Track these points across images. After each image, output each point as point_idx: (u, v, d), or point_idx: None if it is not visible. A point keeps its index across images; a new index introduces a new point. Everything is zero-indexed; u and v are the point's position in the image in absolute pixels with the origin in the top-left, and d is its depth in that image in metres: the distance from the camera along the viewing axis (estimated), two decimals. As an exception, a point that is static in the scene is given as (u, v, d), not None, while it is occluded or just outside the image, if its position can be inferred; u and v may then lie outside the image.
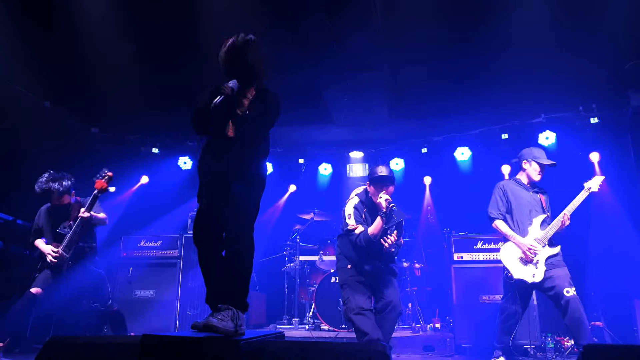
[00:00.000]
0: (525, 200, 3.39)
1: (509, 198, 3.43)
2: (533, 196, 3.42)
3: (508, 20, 4.03)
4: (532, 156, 3.45)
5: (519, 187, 3.48)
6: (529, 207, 3.38)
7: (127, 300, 4.74)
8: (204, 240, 2.15)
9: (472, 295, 4.32)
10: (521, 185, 3.48)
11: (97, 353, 1.75)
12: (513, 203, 3.41)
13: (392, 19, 4.19)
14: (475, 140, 5.74)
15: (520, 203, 3.39)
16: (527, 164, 3.46)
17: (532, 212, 3.37)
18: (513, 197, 3.42)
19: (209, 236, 2.14)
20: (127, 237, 5.08)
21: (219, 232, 2.10)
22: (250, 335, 1.85)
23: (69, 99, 5.04)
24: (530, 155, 3.46)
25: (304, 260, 5.14)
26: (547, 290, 3.20)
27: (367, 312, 3.02)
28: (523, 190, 3.46)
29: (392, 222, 3.17)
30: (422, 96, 5.17)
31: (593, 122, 5.01)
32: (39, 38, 4.17)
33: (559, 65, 4.49)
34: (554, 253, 3.26)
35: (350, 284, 3.15)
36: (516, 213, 3.39)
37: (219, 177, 2.15)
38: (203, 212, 2.17)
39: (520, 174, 3.54)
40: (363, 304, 3.03)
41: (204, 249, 2.16)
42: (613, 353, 1.65)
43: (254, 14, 3.95)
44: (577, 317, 3.03)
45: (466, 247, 4.50)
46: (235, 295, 2.02)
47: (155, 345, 1.68)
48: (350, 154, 6.48)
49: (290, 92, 4.13)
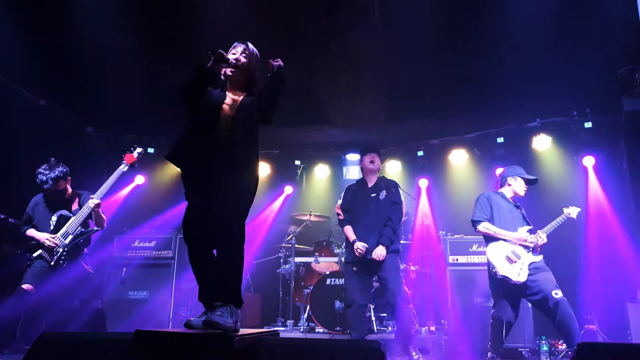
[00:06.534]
0: (507, 212, 3.52)
1: (492, 206, 3.53)
2: (514, 210, 3.55)
3: (505, 24, 4.08)
4: (517, 173, 3.60)
5: (501, 199, 3.60)
6: (511, 217, 3.49)
7: (120, 301, 4.69)
8: (194, 237, 2.13)
9: (467, 297, 4.32)
10: (504, 199, 3.61)
11: (90, 349, 1.73)
12: (495, 213, 3.51)
13: (389, 21, 4.22)
14: (471, 144, 5.78)
15: (503, 213, 3.50)
16: (513, 179, 3.61)
17: (515, 222, 3.47)
18: (496, 207, 3.53)
19: (199, 233, 2.11)
20: (120, 237, 5.04)
21: (209, 228, 2.07)
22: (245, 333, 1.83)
23: (65, 97, 5.02)
24: (516, 172, 3.61)
25: (299, 262, 5.13)
26: (534, 295, 3.23)
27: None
28: (505, 202, 3.58)
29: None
30: (419, 99, 5.20)
31: (587, 126, 5.07)
32: (36, 36, 4.15)
33: (554, 70, 4.55)
34: (537, 260, 3.33)
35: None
36: (499, 222, 3.48)
37: (208, 171, 2.12)
38: (192, 209, 2.16)
39: (505, 189, 3.65)
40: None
41: (195, 246, 2.13)
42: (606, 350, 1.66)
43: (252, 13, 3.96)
44: (568, 318, 3.05)
45: (462, 249, 4.52)
46: (230, 291, 2.00)
47: (149, 341, 1.66)
48: (346, 156, 6.48)
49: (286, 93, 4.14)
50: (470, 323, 4.17)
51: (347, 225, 3.70)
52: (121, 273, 4.80)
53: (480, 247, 4.45)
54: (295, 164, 6.45)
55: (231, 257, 2.02)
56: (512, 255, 3.33)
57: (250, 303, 5.11)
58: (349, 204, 3.76)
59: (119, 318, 4.55)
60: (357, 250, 3.50)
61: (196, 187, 2.18)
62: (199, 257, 2.13)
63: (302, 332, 4.54)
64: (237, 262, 2.04)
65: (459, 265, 4.48)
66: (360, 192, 3.77)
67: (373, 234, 3.55)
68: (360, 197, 3.73)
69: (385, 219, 3.58)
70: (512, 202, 3.59)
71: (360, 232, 3.59)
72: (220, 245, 2.05)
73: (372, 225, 3.58)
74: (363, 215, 3.65)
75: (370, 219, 3.60)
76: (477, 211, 3.53)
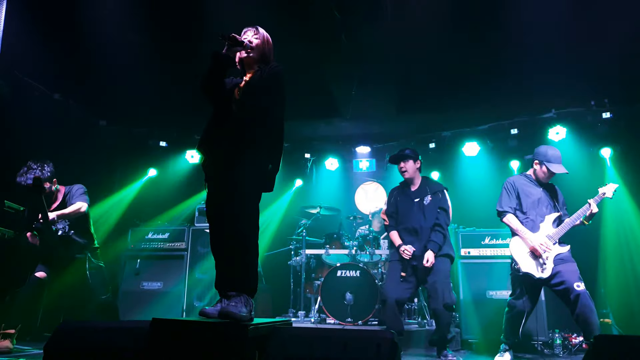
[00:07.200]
0: (535, 197, 3.35)
1: (519, 194, 3.39)
2: (544, 193, 3.38)
3: (519, 13, 3.98)
4: (546, 159, 3.34)
5: (529, 183, 3.43)
6: (540, 203, 3.33)
7: (135, 292, 4.78)
8: (214, 217, 2.14)
9: (479, 290, 4.29)
10: (531, 182, 3.44)
11: (108, 337, 1.77)
12: (523, 199, 3.36)
13: (401, 12, 4.16)
14: (484, 135, 5.69)
15: (530, 199, 3.35)
16: (538, 165, 3.41)
17: (543, 208, 3.32)
18: (523, 194, 3.38)
19: (216, 218, 2.13)
20: (134, 229, 5.11)
21: (223, 214, 2.08)
22: (258, 322, 1.85)
23: (78, 91, 5.08)
24: (544, 157, 3.35)
25: (310, 254, 5.15)
26: (556, 285, 3.15)
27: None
28: (533, 186, 3.41)
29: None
30: (430, 90, 5.12)
31: (605, 117, 4.94)
32: (49, 30, 4.19)
33: (570, 59, 4.42)
34: (564, 251, 3.23)
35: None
36: (527, 209, 3.34)
37: (220, 156, 2.12)
38: (209, 193, 2.17)
39: (531, 170, 3.49)
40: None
41: (214, 226, 2.15)
42: (623, 343, 1.63)
43: (263, 5, 3.94)
44: (588, 311, 2.99)
45: (474, 242, 4.48)
46: (244, 281, 2.01)
47: (165, 330, 1.69)
48: (357, 149, 6.45)
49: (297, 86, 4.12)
50: (482, 315, 4.15)
51: (392, 230, 3.65)
52: (135, 264, 4.88)
53: (493, 240, 4.41)
54: (305, 157, 6.45)
55: (242, 243, 2.02)
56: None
57: (262, 294, 5.16)
58: (393, 209, 3.69)
59: (134, 308, 4.65)
60: (404, 253, 3.44)
61: (210, 174, 2.19)
62: (217, 239, 2.14)
63: (314, 323, 4.57)
64: (251, 251, 2.04)
65: (471, 258, 4.45)
66: (403, 197, 3.69)
67: (417, 239, 3.49)
68: (404, 202, 3.66)
69: (431, 224, 3.50)
70: (541, 185, 3.40)
71: (405, 237, 3.55)
72: (230, 230, 2.05)
73: (416, 230, 3.52)
74: (407, 220, 3.57)
75: (414, 224, 3.53)
76: (504, 201, 3.40)
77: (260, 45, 2.27)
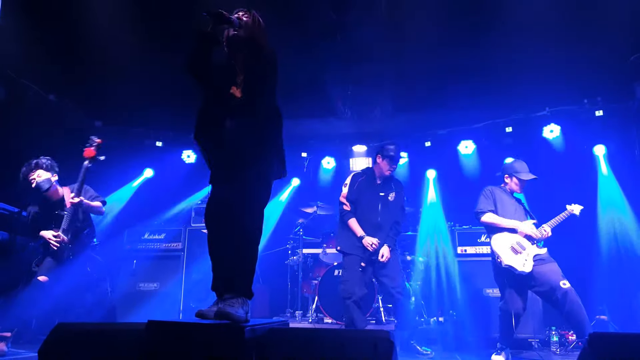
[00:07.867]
0: (512, 207, 3.51)
1: (495, 200, 3.52)
2: (516, 204, 3.55)
3: (513, 12, 4.00)
4: (514, 171, 3.55)
5: (504, 193, 3.59)
6: (516, 211, 3.48)
7: (131, 292, 4.77)
8: (212, 222, 2.09)
9: (475, 288, 4.32)
10: (506, 193, 3.60)
11: (104, 339, 1.76)
12: (499, 207, 3.50)
13: (396, 11, 4.17)
14: (480, 134, 5.72)
15: (507, 208, 3.49)
16: (509, 178, 3.59)
17: (521, 216, 3.47)
18: (500, 202, 3.52)
19: (217, 218, 2.06)
20: (131, 229, 5.09)
21: (228, 215, 2.00)
22: (255, 323, 1.86)
23: (73, 92, 5.05)
24: (513, 170, 3.57)
25: (307, 254, 5.15)
26: (540, 286, 3.21)
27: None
28: (508, 197, 3.58)
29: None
30: (426, 89, 5.14)
31: (598, 115, 4.98)
32: (44, 31, 4.17)
33: (564, 58, 4.46)
34: (541, 253, 3.31)
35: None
36: (504, 216, 3.46)
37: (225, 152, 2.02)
38: (214, 196, 2.11)
39: (503, 185, 3.66)
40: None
41: (215, 227, 2.09)
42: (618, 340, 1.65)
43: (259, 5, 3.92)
44: (577, 307, 3.04)
45: (470, 240, 4.51)
46: (241, 283, 1.99)
47: (161, 331, 1.69)
48: (353, 148, 6.45)
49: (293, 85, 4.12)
50: (479, 314, 4.17)
51: (352, 217, 3.63)
52: (132, 265, 4.87)
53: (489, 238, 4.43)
54: (301, 156, 6.44)
55: (245, 248, 1.98)
56: (517, 246, 3.31)
57: (259, 294, 5.15)
58: (355, 196, 3.68)
59: (130, 309, 4.64)
60: (370, 246, 3.47)
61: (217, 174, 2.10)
62: (215, 243, 2.09)
63: (311, 322, 4.57)
64: (251, 253, 2.00)
65: (467, 256, 4.47)
66: (368, 187, 3.69)
67: (378, 233, 3.53)
68: (369, 193, 3.66)
69: (392, 221, 3.60)
70: (514, 197, 3.58)
71: (366, 229, 3.56)
72: (235, 234, 1.98)
73: (379, 225, 3.56)
74: (369, 213, 3.60)
75: (377, 218, 3.57)
76: (482, 202, 3.52)
77: (250, 24, 2.10)
